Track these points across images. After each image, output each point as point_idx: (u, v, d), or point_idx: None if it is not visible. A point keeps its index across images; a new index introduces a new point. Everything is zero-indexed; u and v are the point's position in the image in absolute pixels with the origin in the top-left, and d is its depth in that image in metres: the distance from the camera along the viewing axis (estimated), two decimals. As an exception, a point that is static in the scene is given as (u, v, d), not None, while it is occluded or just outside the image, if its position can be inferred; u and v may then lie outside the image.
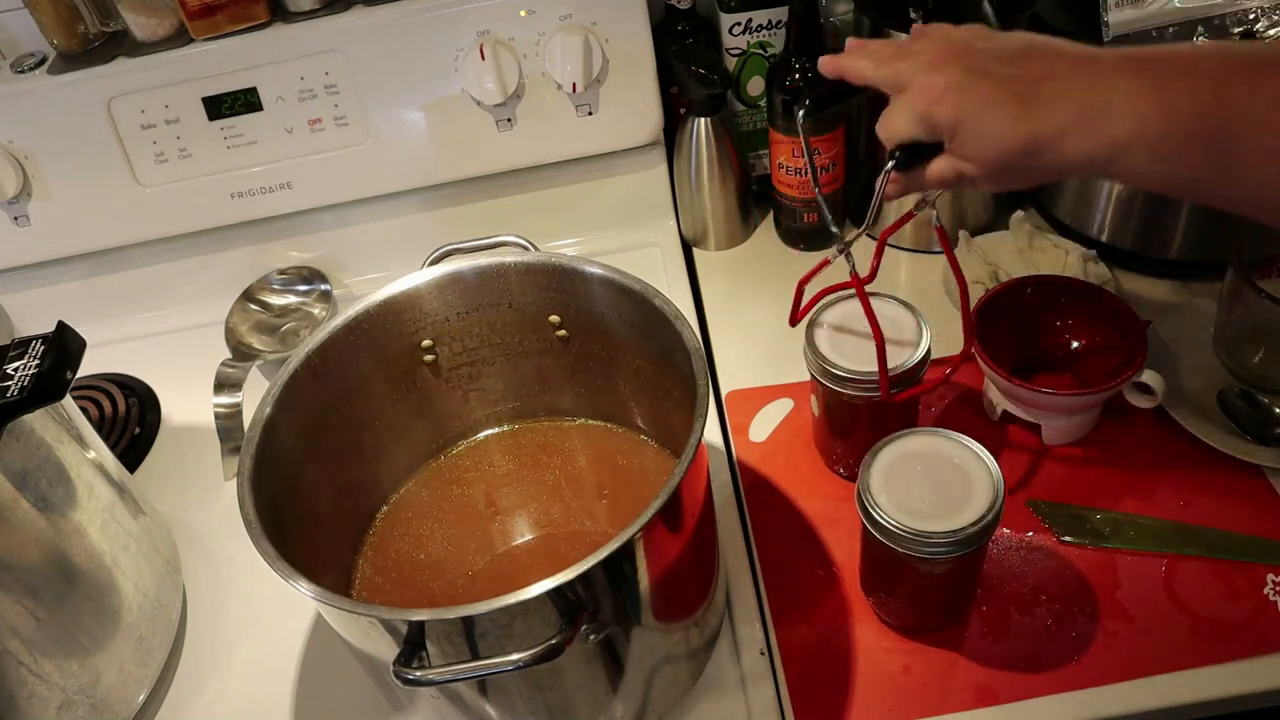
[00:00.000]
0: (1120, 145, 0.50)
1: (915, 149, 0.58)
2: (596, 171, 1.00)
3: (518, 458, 0.77)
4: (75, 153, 0.93)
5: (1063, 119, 0.51)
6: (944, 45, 0.56)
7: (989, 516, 0.58)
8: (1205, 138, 0.48)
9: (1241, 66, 0.48)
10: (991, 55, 0.54)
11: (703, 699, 0.66)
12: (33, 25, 0.92)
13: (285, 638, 0.74)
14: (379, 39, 0.90)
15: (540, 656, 0.50)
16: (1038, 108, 0.52)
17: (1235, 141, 0.48)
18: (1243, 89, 0.47)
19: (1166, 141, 0.49)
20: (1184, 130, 0.48)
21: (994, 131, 0.53)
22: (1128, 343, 0.73)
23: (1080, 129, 0.51)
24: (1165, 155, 0.49)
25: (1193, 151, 0.49)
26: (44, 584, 0.62)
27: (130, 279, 1.03)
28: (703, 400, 0.57)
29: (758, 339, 0.91)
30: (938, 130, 0.55)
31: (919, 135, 0.56)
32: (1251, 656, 0.63)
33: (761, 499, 0.77)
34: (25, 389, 0.58)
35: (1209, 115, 0.48)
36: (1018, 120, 0.52)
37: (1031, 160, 0.53)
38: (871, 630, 0.68)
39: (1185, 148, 0.49)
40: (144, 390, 0.97)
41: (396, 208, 1.00)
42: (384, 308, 0.69)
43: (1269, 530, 0.70)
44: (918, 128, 0.56)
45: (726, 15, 0.95)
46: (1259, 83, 0.47)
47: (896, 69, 0.57)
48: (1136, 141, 0.50)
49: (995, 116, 0.52)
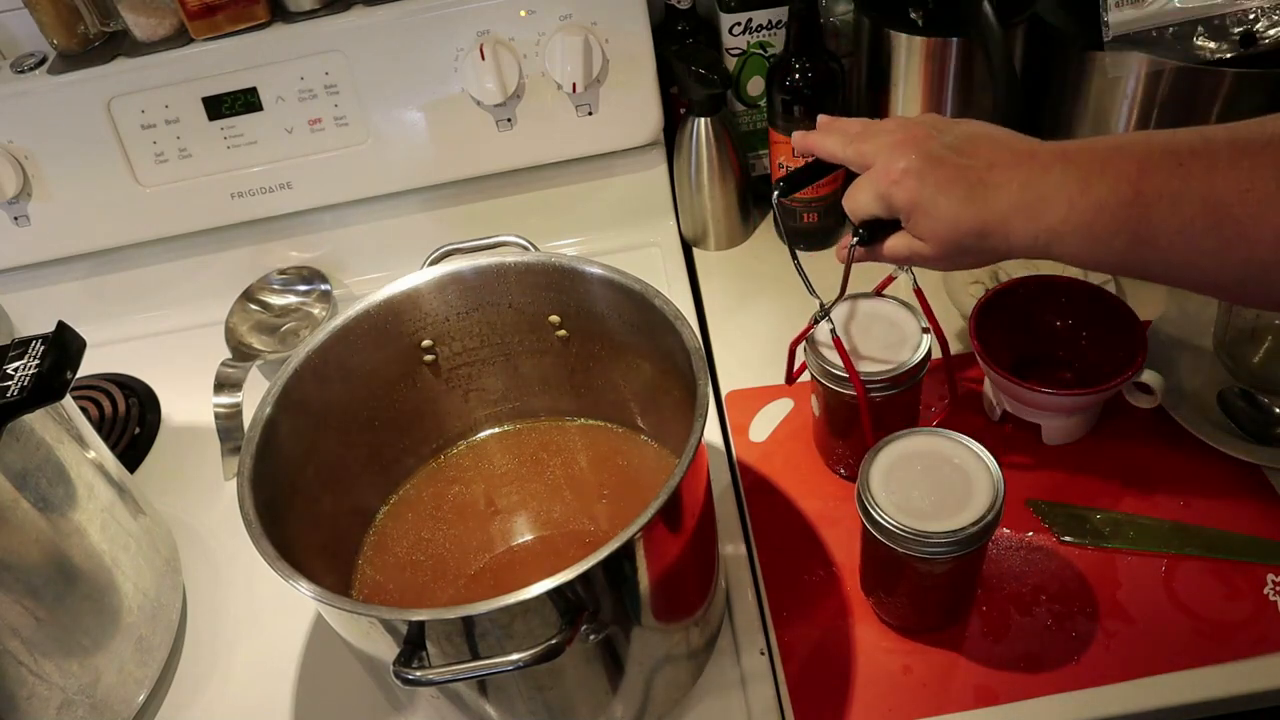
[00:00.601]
0: (1055, 232, 0.55)
1: (876, 225, 0.62)
2: (596, 171, 1.00)
3: (518, 458, 0.77)
4: (75, 153, 0.93)
5: (1006, 206, 0.56)
6: (905, 130, 0.60)
7: (989, 516, 0.58)
8: (1127, 225, 0.52)
9: (1160, 156, 0.52)
10: (945, 143, 0.59)
11: (703, 699, 0.66)
12: (33, 25, 0.92)
13: (285, 638, 0.74)
14: (379, 39, 0.90)
15: (540, 656, 0.50)
16: (985, 195, 0.56)
17: (1154, 229, 0.52)
18: (1158, 179, 0.51)
19: (1093, 229, 0.54)
20: (1107, 219, 0.53)
21: (947, 214, 0.57)
22: (1128, 343, 0.73)
23: (1021, 215, 0.55)
24: (1094, 240, 0.54)
25: (1117, 238, 0.53)
26: (44, 584, 0.62)
27: (130, 279, 1.03)
28: (703, 400, 0.57)
29: (758, 339, 0.91)
30: (895, 209, 0.60)
31: (879, 212, 0.61)
32: (1251, 656, 0.63)
33: (761, 499, 0.77)
34: (25, 389, 0.58)
35: (1128, 204, 0.52)
36: (967, 205, 0.57)
37: (981, 242, 0.57)
38: (871, 630, 0.68)
39: (1110, 234, 0.53)
40: (144, 390, 0.97)
41: (396, 208, 1.00)
42: (384, 308, 0.69)
43: (1269, 530, 0.70)
44: (878, 205, 0.60)
45: (726, 15, 0.95)
46: (1172, 171, 0.51)
47: (861, 149, 0.62)
48: (1068, 228, 0.54)
49: (948, 201, 0.57)
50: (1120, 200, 0.52)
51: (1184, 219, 0.51)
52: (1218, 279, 0.52)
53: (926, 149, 0.58)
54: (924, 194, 0.58)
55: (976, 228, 0.57)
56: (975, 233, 0.57)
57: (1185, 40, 0.77)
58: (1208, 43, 0.76)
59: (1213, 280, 0.53)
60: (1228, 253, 0.50)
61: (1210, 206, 0.50)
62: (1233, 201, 0.49)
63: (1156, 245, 0.52)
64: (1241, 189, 0.49)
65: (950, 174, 0.57)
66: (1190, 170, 0.51)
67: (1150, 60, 0.78)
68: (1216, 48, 0.76)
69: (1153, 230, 0.52)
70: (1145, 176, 0.52)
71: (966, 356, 0.84)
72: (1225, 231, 0.50)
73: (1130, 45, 0.79)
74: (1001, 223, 0.56)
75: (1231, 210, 0.49)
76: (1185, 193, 0.51)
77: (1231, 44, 0.75)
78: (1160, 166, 0.51)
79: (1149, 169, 0.52)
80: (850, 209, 0.63)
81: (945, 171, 0.57)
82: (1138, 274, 0.55)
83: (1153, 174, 0.51)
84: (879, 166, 0.60)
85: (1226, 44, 0.75)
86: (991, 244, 0.57)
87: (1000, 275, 0.88)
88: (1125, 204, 0.52)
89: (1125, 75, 0.81)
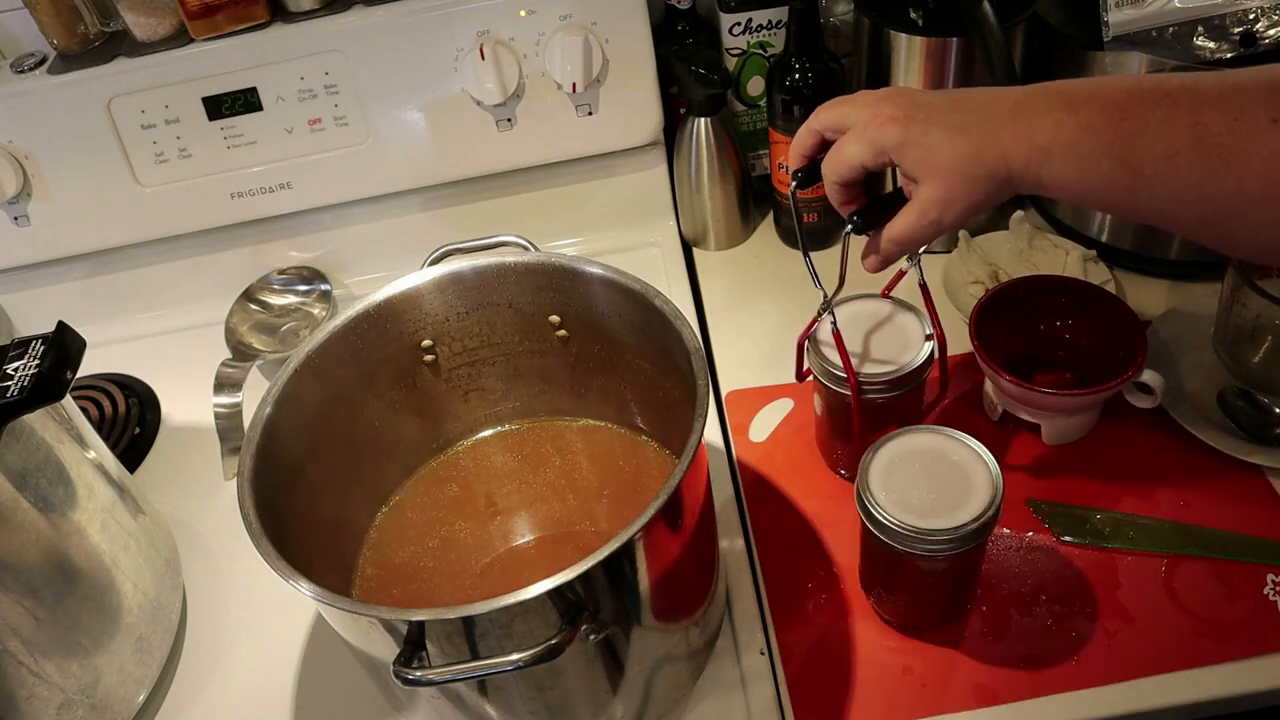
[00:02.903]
0: (1044, 151, 0.54)
1: (871, 210, 0.61)
2: (596, 171, 1.00)
3: (518, 458, 0.77)
4: (75, 153, 0.93)
5: (998, 129, 0.55)
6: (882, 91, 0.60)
7: (989, 513, 0.59)
8: (1113, 148, 0.52)
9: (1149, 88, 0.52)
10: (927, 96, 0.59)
11: (703, 699, 0.66)
12: (33, 25, 0.92)
13: (285, 638, 0.74)
14: (379, 39, 0.90)
15: (540, 656, 0.50)
16: (978, 121, 0.56)
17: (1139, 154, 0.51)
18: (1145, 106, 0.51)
19: (1079, 149, 0.53)
20: (1093, 139, 0.52)
21: (941, 142, 0.56)
22: (1128, 343, 0.73)
23: (1012, 136, 0.55)
24: (1081, 160, 0.53)
25: (1104, 160, 0.52)
26: (44, 584, 0.62)
27: (130, 279, 1.03)
28: (703, 400, 0.57)
29: (758, 339, 0.91)
30: (883, 149, 0.58)
31: (866, 160, 0.59)
32: (1251, 656, 0.63)
33: (761, 499, 0.77)
34: (25, 389, 0.58)
35: (1114, 126, 0.52)
36: (960, 132, 0.56)
37: (979, 166, 0.56)
38: (871, 630, 0.68)
39: (1096, 155, 0.53)
40: (144, 390, 0.97)
41: (396, 208, 1.00)
42: (384, 308, 0.69)
43: (1269, 530, 0.70)
44: (865, 150, 0.58)
45: (726, 15, 0.95)
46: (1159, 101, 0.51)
47: (842, 110, 0.61)
48: (1056, 146, 0.54)
49: (940, 131, 0.56)
50: (1106, 121, 0.52)
51: (1170, 146, 0.50)
52: (1202, 212, 0.51)
53: (910, 97, 0.58)
54: (913, 130, 0.56)
55: (972, 151, 0.56)
56: (972, 156, 0.56)
57: (1185, 40, 0.77)
58: (1208, 43, 0.76)
59: (1197, 215, 0.52)
60: (1213, 183, 0.50)
61: (1197, 134, 0.49)
62: (1220, 130, 0.49)
63: (1142, 173, 0.51)
64: (1229, 119, 0.49)
65: (938, 111, 0.57)
66: (1177, 101, 0.50)
67: (1150, 60, 0.78)
68: (1216, 48, 0.76)
69: (1138, 156, 0.51)
70: (1132, 103, 0.52)
71: (966, 356, 0.83)
72: (1211, 160, 0.49)
73: (1130, 45, 0.79)
74: (996, 144, 0.55)
75: (1219, 138, 0.49)
76: (1171, 120, 0.50)
77: (1231, 44, 0.75)
78: (1148, 96, 0.51)
79: (1135, 97, 0.52)
80: (834, 166, 0.60)
81: (933, 111, 0.57)
82: (1125, 209, 0.54)
83: (1139, 101, 0.51)
84: (864, 116, 0.59)
85: (1226, 44, 0.75)
86: (990, 167, 0.56)
87: (1000, 275, 0.88)
88: (1111, 125, 0.52)
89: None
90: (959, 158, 0.56)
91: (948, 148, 0.56)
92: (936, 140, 0.56)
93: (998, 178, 0.56)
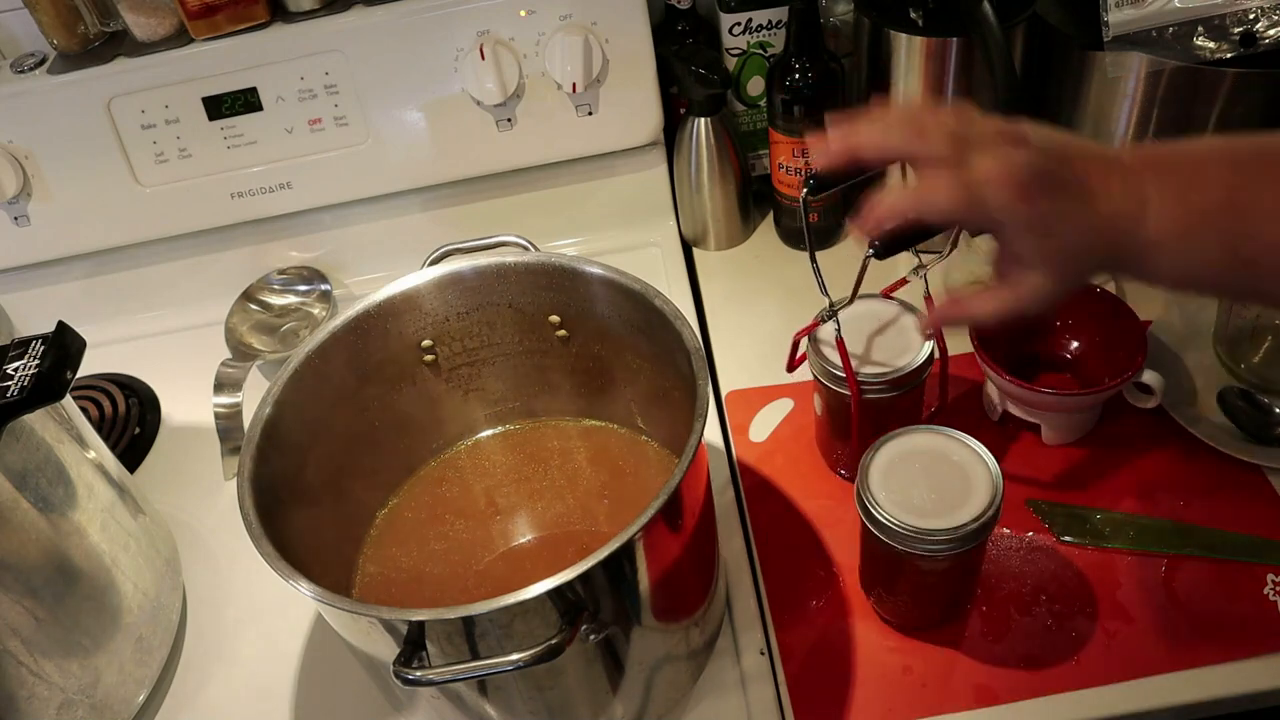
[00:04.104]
0: (1154, 242, 0.50)
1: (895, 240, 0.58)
2: (596, 171, 1.00)
3: (518, 458, 0.77)
4: (75, 153, 0.93)
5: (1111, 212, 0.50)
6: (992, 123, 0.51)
7: (989, 513, 0.59)
8: (1225, 235, 0.49)
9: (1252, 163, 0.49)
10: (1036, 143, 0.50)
11: (703, 699, 0.66)
12: (33, 25, 0.92)
13: (285, 638, 0.74)
14: (379, 39, 0.90)
15: (540, 656, 0.50)
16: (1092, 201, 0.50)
17: (1250, 238, 0.49)
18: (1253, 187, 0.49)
19: (1189, 238, 0.49)
20: (1203, 226, 0.49)
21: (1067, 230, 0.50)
22: (1128, 343, 0.73)
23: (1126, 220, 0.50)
24: (1190, 248, 0.50)
25: (1213, 248, 0.49)
26: (44, 584, 0.62)
27: (130, 279, 1.03)
28: (703, 400, 0.56)
29: (758, 339, 0.91)
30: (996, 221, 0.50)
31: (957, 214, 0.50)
32: (1251, 656, 0.63)
33: (761, 499, 0.77)
34: (25, 389, 0.58)
35: (1223, 212, 0.49)
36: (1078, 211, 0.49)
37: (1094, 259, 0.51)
38: (872, 630, 0.68)
39: (1207, 244, 0.50)
40: (144, 390, 0.97)
41: (396, 208, 1.00)
42: (384, 308, 0.69)
43: (1269, 530, 0.70)
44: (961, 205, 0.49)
45: (726, 15, 0.95)
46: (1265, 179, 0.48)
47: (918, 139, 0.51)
48: (1166, 236, 0.49)
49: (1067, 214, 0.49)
50: (1217, 207, 0.49)
51: None
52: None
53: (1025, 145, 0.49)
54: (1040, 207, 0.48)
55: (1091, 244, 0.50)
56: (1094, 248, 0.50)
57: (1185, 40, 0.77)
58: (1208, 43, 0.76)
59: None
60: None
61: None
62: None
63: (1249, 260, 0.49)
64: None
65: (1051, 177, 0.49)
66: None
67: (1150, 60, 0.78)
68: (1216, 48, 0.76)
69: (1249, 239, 0.49)
70: (1240, 184, 0.49)
71: (967, 357, 0.83)
72: None
73: (1130, 45, 0.79)
74: (1109, 229, 0.49)
75: None
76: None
77: (1231, 44, 0.75)
78: (1254, 175, 0.49)
79: (1242, 177, 0.49)
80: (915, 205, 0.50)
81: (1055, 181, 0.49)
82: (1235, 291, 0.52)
83: (1246, 182, 0.49)
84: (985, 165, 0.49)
85: (1226, 44, 0.75)
86: (1101, 258, 0.50)
87: (1000, 275, 0.88)
88: (1221, 211, 0.49)
89: (1125, 75, 0.81)
90: (1081, 250, 0.50)
91: (1073, 237, 0.49)
92: (1065, 229, 0.49)
93: (1105, 267, 0.52)
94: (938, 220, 0.52)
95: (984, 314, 0.53)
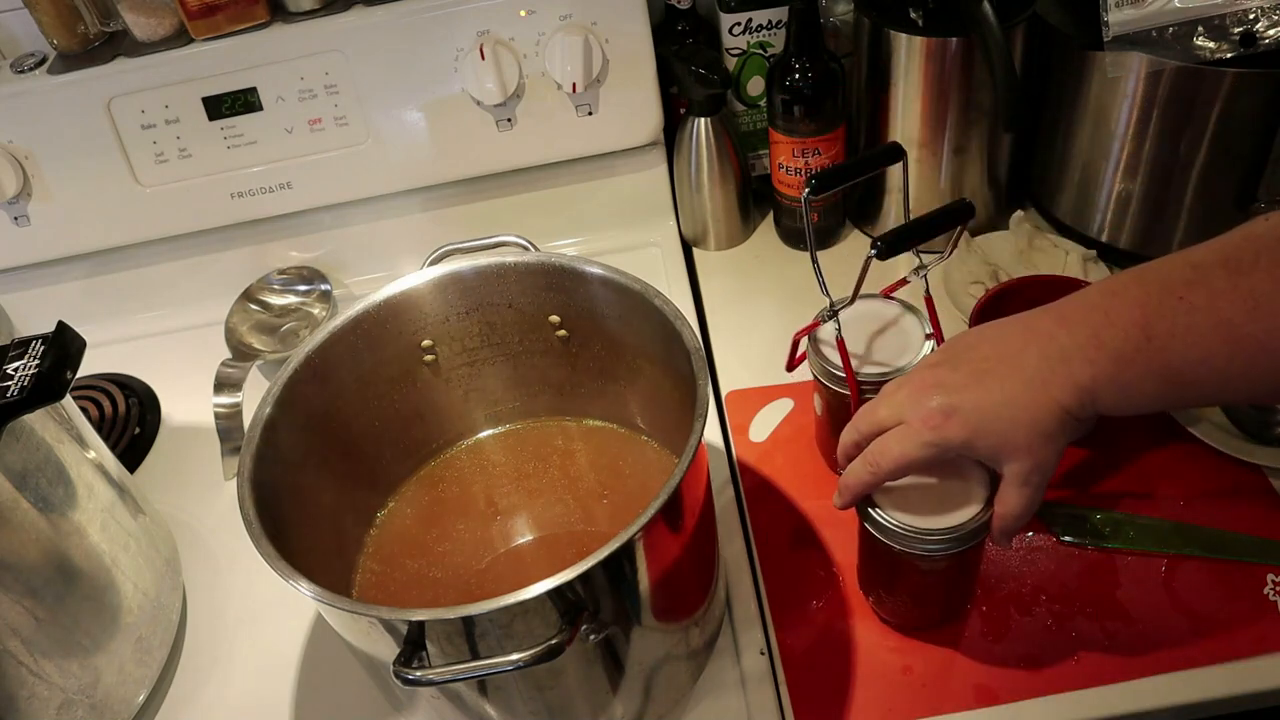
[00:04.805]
0: (1088, 391, 0.53)
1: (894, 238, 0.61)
2: (596, 171, 1.00)
3: (518, 458, 0.77)
4: (75, 153, 0.93)
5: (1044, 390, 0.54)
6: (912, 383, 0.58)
7: (988, 513, 0.58)
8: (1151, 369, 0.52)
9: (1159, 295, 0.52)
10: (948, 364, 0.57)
11: (703, 699, 0.66)
12: (33, 25, 0.92)
13: (285, 638, 0.74)
14: (379, 39, 0.90)
15: (540, 656, 0.50)
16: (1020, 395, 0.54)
17: (1176, 367, 0.51)
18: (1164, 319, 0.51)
19: (1120, 380, 0.53)
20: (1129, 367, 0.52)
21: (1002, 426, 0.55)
22: (1128, 343, 0.73)
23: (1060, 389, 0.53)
24: (1127, 389, 0.53)
25: (1146, 382, 0.52)
26: (44, 584, 0.62)
27: (130, 279, 1.03)
28: (703, 400, 0.56)
29: (758, 339, 0.91)
30: (950, 450, 0.56)
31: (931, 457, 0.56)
32: (1251, 656, 0.63)
33: (761, 499, 0.77)
34: (25, 389, 0.58)
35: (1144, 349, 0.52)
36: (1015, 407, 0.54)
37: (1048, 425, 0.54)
38: (871, 630, 0.68)
39: (1139, 380, 0.52)
40: (144, 390, 0.97)
41: (396, 208, 1.00)
42: (384, 308, 0.69)
43: (1269, 530, 0.70)
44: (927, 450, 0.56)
45: (726, 15, 0.95)
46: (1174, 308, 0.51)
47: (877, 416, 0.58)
48: (1099, 384, 0.53)
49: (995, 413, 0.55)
50: (1135, 347, 0.52)
51: (1203, 350, 0.50)
52: (1256, 392, 0.52)
53: (941, 384, 0.56)
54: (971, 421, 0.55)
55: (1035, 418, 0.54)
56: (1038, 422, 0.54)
57: (1185, 40, 0.77)
58: (1208, 43, 0.76)
59: (1254, 394, 0.53)
60: (1255, 370, 0.50)
61: (1223, 332, 0.50)
62: (1242, 321, 0.49)
63: (1184, 381, 0.52)
64: (1247, 308, 0.49)
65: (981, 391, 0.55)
66: (1193, 303, 0.50)
67: (1150, 60, 0.78)
68: (1216, 48, 0.76)
69: (1176, 368, 0.51)
70: (1150, 319, 0.51)
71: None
72: (1245, 351, 0.50)
73: (1130, 45, 0.79)
74: (1049, 400, 0.54)
75: (1244, 330, 0.49)
76: (1194, 325, 0.50)
77: (1231, 44, 0.75)
78: (1162, 306, 0.51)
79: (1151, 311, 0.51)
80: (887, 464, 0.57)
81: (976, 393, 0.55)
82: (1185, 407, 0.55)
83: (1156, 315, 0.51)
84: (911, 416, 0.56)
85: (1226, 44, 0.75)
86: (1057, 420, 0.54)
87: (1000, 275, 0.88)
88: (1141, 349, 0.51)
89: (1125, 75, 0.81)
90: (1026, 429, 0.54)
91: (1010, 426, 0.54)
92: (1000, 426, 0.54)
93: (1067, 423, 0.54)
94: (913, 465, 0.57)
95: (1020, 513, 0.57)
